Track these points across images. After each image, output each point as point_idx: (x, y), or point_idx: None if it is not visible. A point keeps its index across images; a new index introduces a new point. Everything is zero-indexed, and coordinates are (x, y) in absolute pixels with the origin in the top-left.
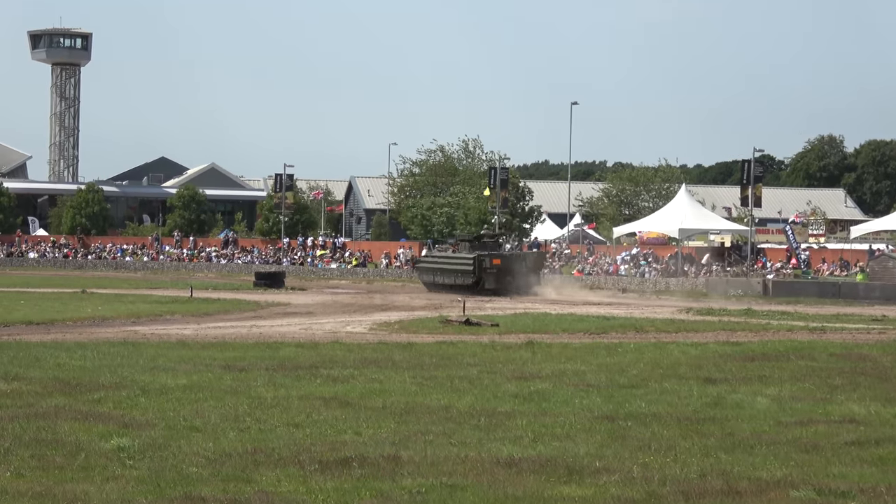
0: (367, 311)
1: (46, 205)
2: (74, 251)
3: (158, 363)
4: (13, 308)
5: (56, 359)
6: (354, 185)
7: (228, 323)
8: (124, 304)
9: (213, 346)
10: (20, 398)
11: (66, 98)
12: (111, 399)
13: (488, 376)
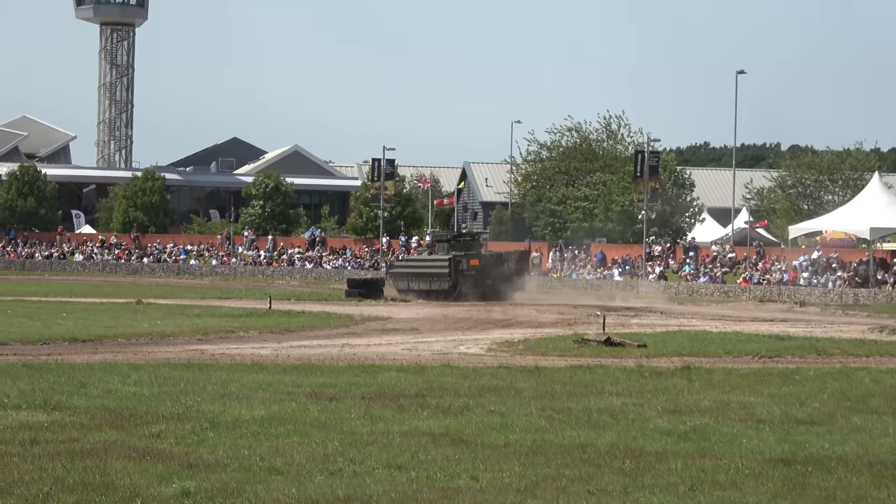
0: (485, 327)
1: (94, 196)
2: (127, 252)
3: (230, 390)
4: (53, 322)
5: (105, 384)
6: (469, 172)
7: (315, 341)
8: (188, 317)
9: (296, 370)
10: (63, 432)
11: (117, 66)
12: (173, 434)
13: (634, 409)
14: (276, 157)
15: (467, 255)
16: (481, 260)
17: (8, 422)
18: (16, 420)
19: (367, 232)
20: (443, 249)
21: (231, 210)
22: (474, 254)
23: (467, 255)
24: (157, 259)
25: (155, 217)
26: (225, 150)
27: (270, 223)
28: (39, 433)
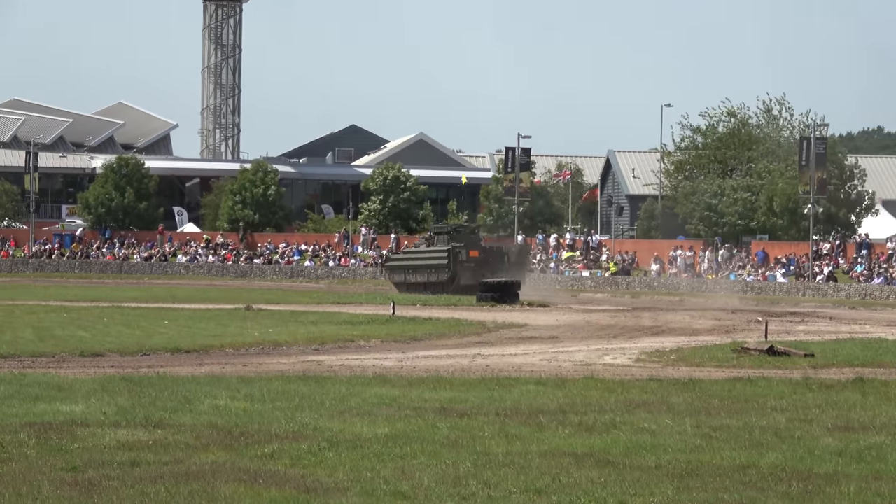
0: (633, 335)
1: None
2: (236, 253)
3: (350, 405)
4: (154, 331)
5: (213, 399)
6: (614, 162)
7: (444, 351)
8: (303, 325)
9: (423, 383)
10: (166, 452)
11: (223, 46)
12: (287, 454)
13: (801, 426)
14: (398, 147)
15: (467, 247)
16: (481, 252)
17: (106, 441)
18: (114, 439)
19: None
20: (442, 241)
21: (349, 205)
22: (475, 245)
23: (467, 246)
24: (267, 260)
25: (266, 214)
26: (342, 139)
27: (392, 220)
28: (140, 454)
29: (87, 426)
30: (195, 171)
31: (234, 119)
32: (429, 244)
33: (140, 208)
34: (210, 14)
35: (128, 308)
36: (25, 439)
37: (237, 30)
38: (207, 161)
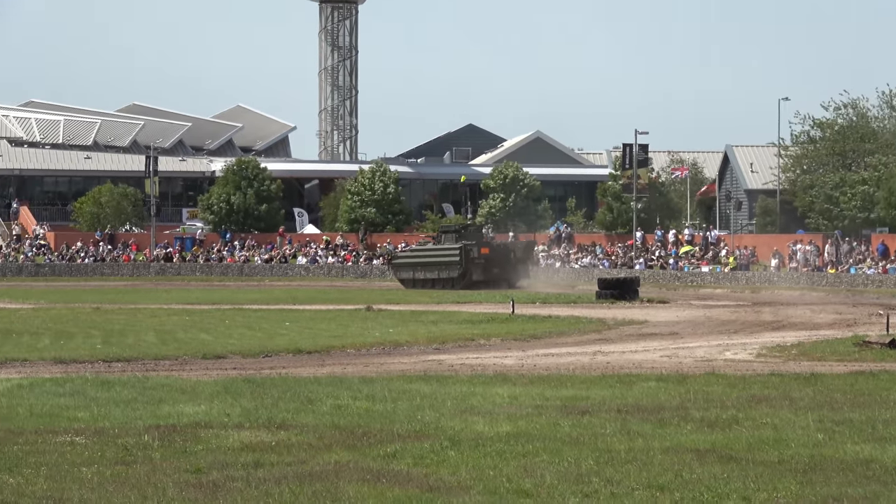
0: (753, 330)
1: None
2: (355, 254)
3: (471, 404)
4: (276, 332)
5: (335, 399)
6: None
7: (564, 349)
8: (423, 324)
9: (543, 381)
10: (289, 453)
11: (339, 48)
12: (410, 453)
13: None
14: (516, 145)
15: (478, 244)
16: (491, 249)
17: (229, 443)
18: (238, 441)
19: (618, 226)
20: (450, 239)
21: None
22: (485, 242)
23: (478, 243)
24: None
25: (385, 214)
26: (460, 138)
27: (511, 218)
28: (264, 455)
29: (210, 428)
30: (314, 173)
31: (352, 120)
32: (436, 243)
33: (260, 211)
34: (326, 16)
35: (249, 310)
36: (149, 441)
37: (353, 31)
38: (326, 162)
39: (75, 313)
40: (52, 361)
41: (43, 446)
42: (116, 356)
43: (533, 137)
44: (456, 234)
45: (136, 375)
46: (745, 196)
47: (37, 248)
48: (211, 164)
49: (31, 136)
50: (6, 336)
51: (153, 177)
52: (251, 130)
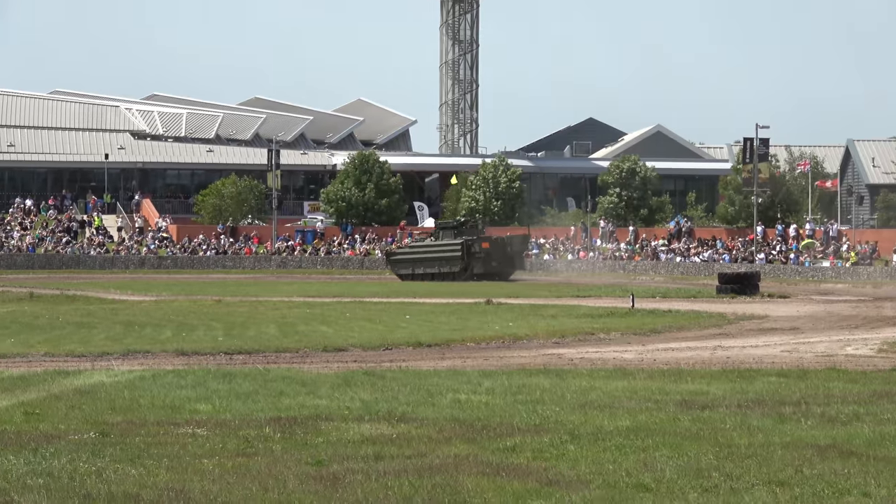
0: (875, 325)
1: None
2: None
3: (591, 398)
4: (396, 325)
5: (454, 393)
6: (853, 151)
7: (684, 343)
8: (543, 318)
9: (663, 376)
10: (409, 446)
11: (460, 42)
12: (529, 447)
13: None
14: (636, 139)
15: (479, 239)
16: (490, 243)
17: (350, 436)
18: (358, 433)
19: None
20: (449, 235)
21: (587, 199)
22: (485, 238)
23: (479, 238)
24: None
25: (506, 208)
26: (580, 132)
27: (631, 212)
28: (384, 448)
29: (330, 420)
30: (435, 167)
31: (472, 114)
32: (434, 239)
33: (380, 204)
34: (447, 10)
35: (370, 303)
36: (271, 434)
37: (474, 25)
38: (446, 156)
39: (197, 306)
40: (174, 353)
41: (165, 438)
42: (238, 348)
43: (653, 131)
44: (454, 230)
45: (257, 368)
46: (867, 191)
47: (159, 240)
48: (332, 157)
49: (153, 129)
50: (129, 328)
51: (275, 170)
52: (372, 124)
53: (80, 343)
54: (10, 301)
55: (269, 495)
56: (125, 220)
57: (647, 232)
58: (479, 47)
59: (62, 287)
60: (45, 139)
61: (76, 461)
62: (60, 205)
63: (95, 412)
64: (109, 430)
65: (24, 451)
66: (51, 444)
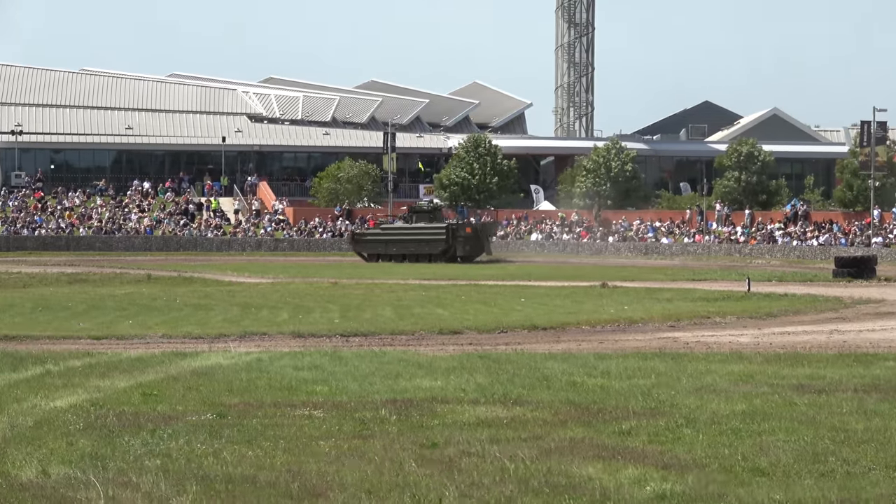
0: None
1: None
2: (590, 231)
3: (706, 382)
4: (511, 308)
5: (569, 376)
6: None
7: (800, 327)
8: (658, 301)
9: (779, 360)
10: (525, 428)
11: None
12: (645, 430)
13: None
14: (752, 122)
15: (463, 224)
16: (472, 228)
17: (465, 418)
18: (473, 416)
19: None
20: (424, 219)
21: (703, 182)
22: (468, 223)
23: (462, 223)
24: (622, 237)
25: (621, 191)
26: (696, 115)
27: (747, 196)
28: (500, 430)
29: (446, 403)
30: (550, 150)
31: (588, 97)
32: (407, 221)
33: (495, 187)
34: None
35: (485, 286)
36: (387, 416)
37: (590, 8)
38: (562, 139)
39: (313, 288)
40: (290, 335)
41: (281, 419)
42: (354, 331)
43: (770, 114)
44: (429, 214)
45: (373, 350)
46: None
47: (276, 223)
48: (448, 140)
49: (270, 112)
50: (246, 310)
51: (391, 153)
52: (487, 107)
53: (197, 325)
54: (128, 283)
55: (385, 477)
56: (242, 203)
57: (763, 215)
58: (595, 30)
59: (179, 269)
60: (163, 122)
61: (193, 442)
62: (178, 187)
63: (212, 394)
64: (226, 411)
65: (142, 433)
66: (168, 425)
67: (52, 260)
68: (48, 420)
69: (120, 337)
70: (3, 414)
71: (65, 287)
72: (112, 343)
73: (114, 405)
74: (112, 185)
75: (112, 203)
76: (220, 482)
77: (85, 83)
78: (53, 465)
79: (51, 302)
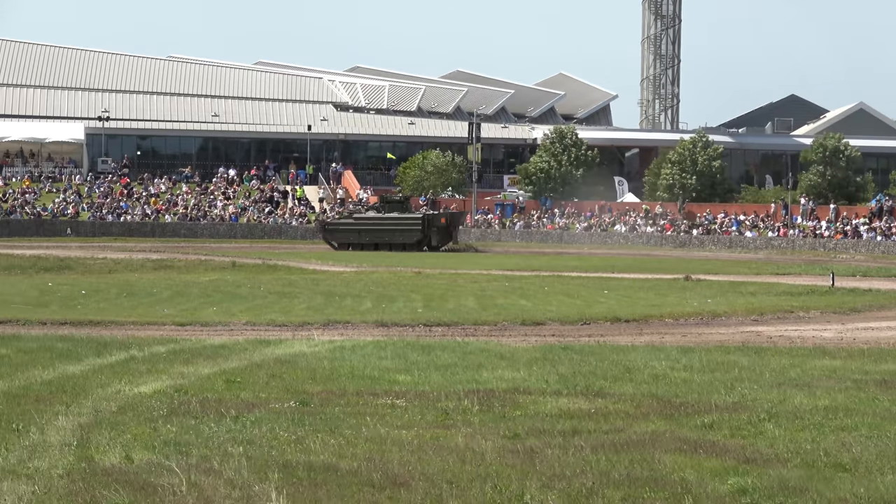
0: None
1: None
2: (674, 224)
3: (789, 377)
4: (594, 300)
5: (652, 369)
6: None
7: (885, 323)
8: (741, 295)
9: (863, 355)
10: (606, 421)
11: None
12: (727, 425)
13: None
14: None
15: (437, 214)
16: (446, 218)
17: (547, 409)
18: (555, 407)
19: None
20: (397, 209)
21: (788, 176)
22: (443, 213)
23: (437, 213)
24: (706, 231)
25: (706, 184)
26: (782, 108)
27: (832, 190)
28: (581, 422)
29: (528, 394)
30: (635, 142)
31: (674, 89)
32: (379, 211)
33: (580, 178)
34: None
35: (568, 277)
36: (469, 406)
37: (677, 0)
38: (647, 131)
39: (397, 277)
40: (373, 324)
41: (364, 408)
42: (437, 320)
43: (856, 109)
44: (401, 204)
45: (456, 340)
46: None
47: None
48: (532, 131)
49: (356, 101)
50: (330, 298)
51: (475, 143)
52: (573, 98)
53: (280, 312)
54: (212, 270)
55: (467, 467)
56: (326, 191)
57: (848, 210)
58: (682, 22)
59: (264, 257)
60: (249, 110)
61: (276, 430)
62: (263, 175)
63: (295, 381)
64: (309, 399)
65: (226, 419)
66: (251, 412)
67: (137, 246)
68: (132, 406)
69: (204, 324)
70: (87, 399)
71: (150, 273)
72: (196, 329)
73: (197, 392)
74: (198, 172)
75: (197, 190)
76: (302, 470)
77: (172, 70)
78: (137, 451)
79: (136, 288)
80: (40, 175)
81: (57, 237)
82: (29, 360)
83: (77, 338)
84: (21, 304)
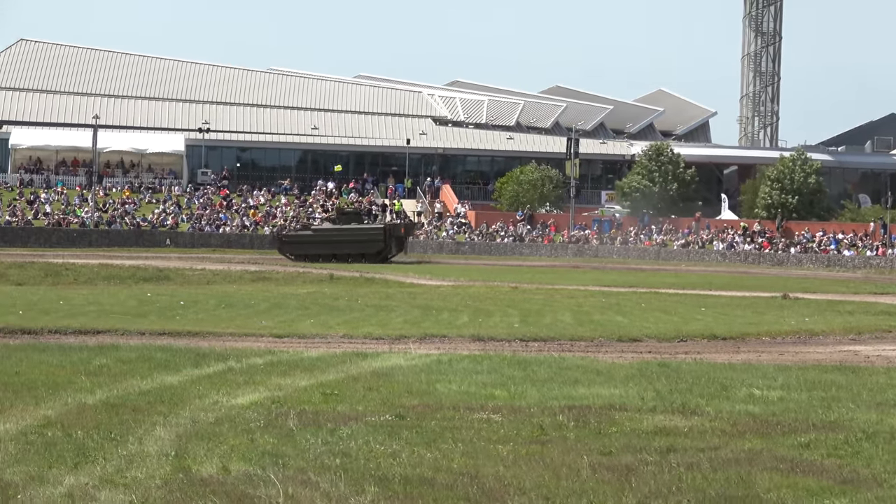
0: None
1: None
2: (772, 241)
3: (887, 397)
4: (691, 317)
5: (749, 387)
6: None
7: None
8: (840, 314)
9: None
10: (702, 439)
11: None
12: (824, 444)
13: None
14: None
15: (398, 225)
16: (405, 228)
17: (643, 426)
18: (651, 424)
19: None
20: (355, 220)
21: (888, 195)
22: (402, 223)
23: (396, 224)
24: (804, 249)
25: (805, 202)
26: (882, 127)
27: None
28: (677, 440)
29: (624, 411)
30: (733, 159)
31: (773, 107)
32: (334, 223)
33: (677, 195)
34: (751, 2)
35: (665, 294)
36: (565, 422)
37: (777, 17)
38: (745, 148)
39: (494, 292)
40: (470, 339)
41: (460, 422)
42: (533, 335)
43: None
44: (357, 215)
45: (552, 355)
46: None
47: (458, 226)
48: (631, 147)
49: (455, 115)
50: (426, 312)
51: (574, 159)
52: (672, 114)
53: (377, 326)
54: (310, 282)
55: (562, 483)
56: (424, 205)
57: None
58: (782, 39)
59: (361, 270)
60: (349, 123)
61: (372, 443)
62: (361, 188)
63: (392, 395)
64: (405, 412)
65: (322, 431)
66: (347, 424)
67: (235, 258)
68: (229, 417)
69: (301, 336)
70: (184, 409)
71: (248, 285)
72: (293, 342)
73: (294, 404)
74: (296, 185)
75: (296, 202)
76: (398, 483)
77: (272, 83)
78: (234, 462)
79: (234, 299)
80: (140, 186)
81: (156, 248)
82: (127, 370)
83: (175, 348)
84: (120, 314)
